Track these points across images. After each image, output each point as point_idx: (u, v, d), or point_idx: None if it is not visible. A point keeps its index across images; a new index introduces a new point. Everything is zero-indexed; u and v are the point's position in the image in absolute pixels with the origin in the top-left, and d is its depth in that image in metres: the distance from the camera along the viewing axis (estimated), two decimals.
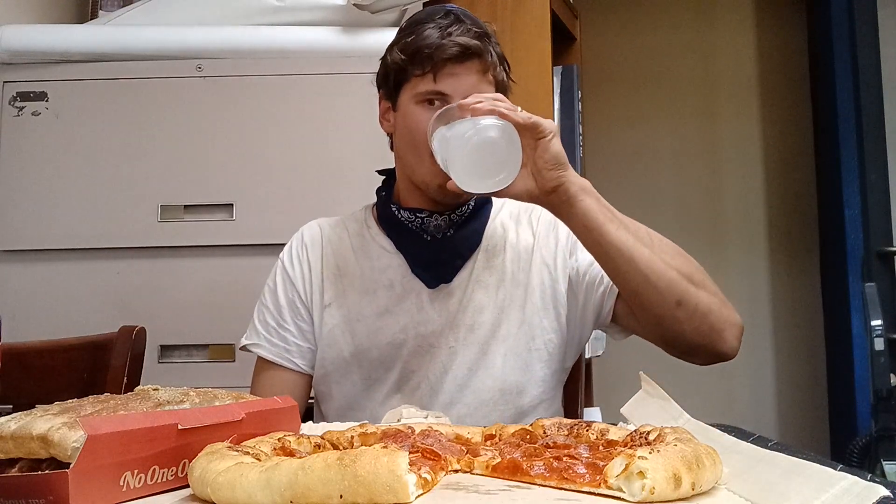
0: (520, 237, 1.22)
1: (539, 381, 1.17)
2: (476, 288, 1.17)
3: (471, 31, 1.10)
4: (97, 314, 1.61)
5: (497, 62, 1.13)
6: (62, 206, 1.67)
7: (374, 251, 1.21)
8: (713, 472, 0.56)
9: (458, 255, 1.18)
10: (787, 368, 3.02)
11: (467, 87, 1.09)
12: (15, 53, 1.70)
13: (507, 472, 0.61)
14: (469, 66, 1.10)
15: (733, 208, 3.12)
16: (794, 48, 3.13)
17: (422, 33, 1.10)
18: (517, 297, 1.17)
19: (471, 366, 1.15)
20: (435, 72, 1.09)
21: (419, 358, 1.16)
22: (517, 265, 1.19)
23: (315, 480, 0.50)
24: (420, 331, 1.16)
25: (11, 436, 0.56)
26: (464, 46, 1.08)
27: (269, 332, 1.22)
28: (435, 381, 1.15)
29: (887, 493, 0.49)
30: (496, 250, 1.20)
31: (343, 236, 1.24)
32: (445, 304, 1.16)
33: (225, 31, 1.73)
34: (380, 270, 1.19)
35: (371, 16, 1.67)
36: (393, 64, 1.14)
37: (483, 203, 1.21)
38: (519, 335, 1.16)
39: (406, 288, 1.17)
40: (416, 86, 1.11)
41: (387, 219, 1.20)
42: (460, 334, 1.16)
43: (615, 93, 3.13)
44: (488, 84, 1.12)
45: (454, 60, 1.09)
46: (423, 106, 1.11)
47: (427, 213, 1.16)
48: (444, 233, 1.16)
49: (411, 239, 1.18)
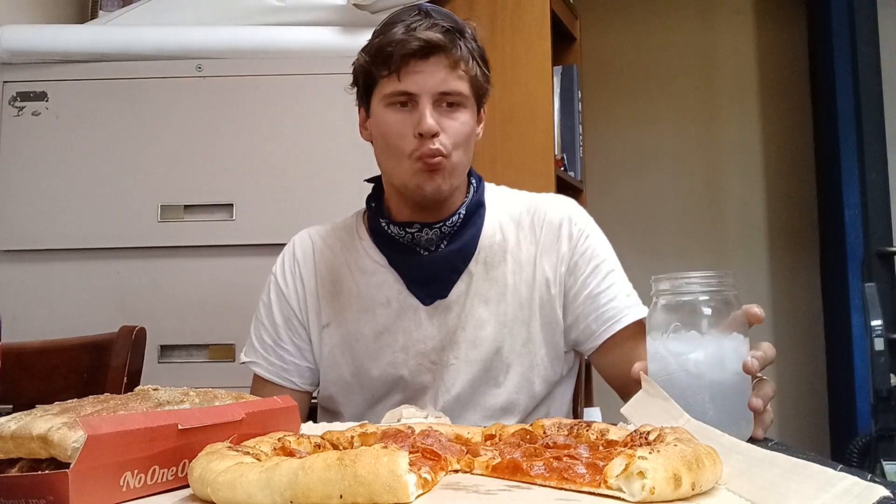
0: (521, 245, 1.16)
1: (538, 397, 1.15)
2: (475, 302, 1.13)
3: (437, 25, 1.05)
4: (97, 314, 1.61)
5: (468, 57, 1.07)
6: (62, 206, 1.67)
7: (369, 266, 1.17)
8: (713, 472, 0.55)
9: (453, 268, 1.14)
10: (787, 368, 3.02)
11: (435, 83, 1.04)
12: (15, 53, 1.70)
13: (507, 472, 0.61)
14: (435, 62, 1.04)
15: (733, 208, 3.12)
16: (794, 48, 3.13)
17: (387, 33, 1.06)
18: (521, 314, 1.14)
19: (473, 383, 1.13)
20: (399, 70, 1.04)
21: (421, 376, 1.14)
22: (519, 277, 1.15)
23: (315, 480, 0.50)
24: (420, 349, 1.13)
25: (11, 436, 0.56)
26: (425, 41, 1.03)
27: (266, 350, 1.20)
28: (439, 400, 1.13)
29: (887, 494, 0.49)
30: (495, 260, 1.15)
31: (336, 249, 1.21)
32: (444, 320, 1.13)
33: (225, 31, 1.73)
34: (376, 287, 1.15)
35: (371, 16, 1.67)
36: (360, 68, 1.11)
37: (475, 208, 1.16)
38: (522, 353, 1.14)
39: (403, 305, 1.14)
40: (383, 88, 1.07)
41: (378, 234, 1.17)
42: (461, 351, 1.13)
43: (615, 93, 3.13)
44: (458, 80, 1.06)
45: (417, 56, 1.04)
46: (394, 108, 1.07)
47: (418, 226, 1.11)
48: (437, 245, 1.13)
49: (404, 255, 1.14)
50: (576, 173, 2.32)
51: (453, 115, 1.07)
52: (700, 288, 0.80)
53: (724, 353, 0.79)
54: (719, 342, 0.79)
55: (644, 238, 3.04)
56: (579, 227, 1.17)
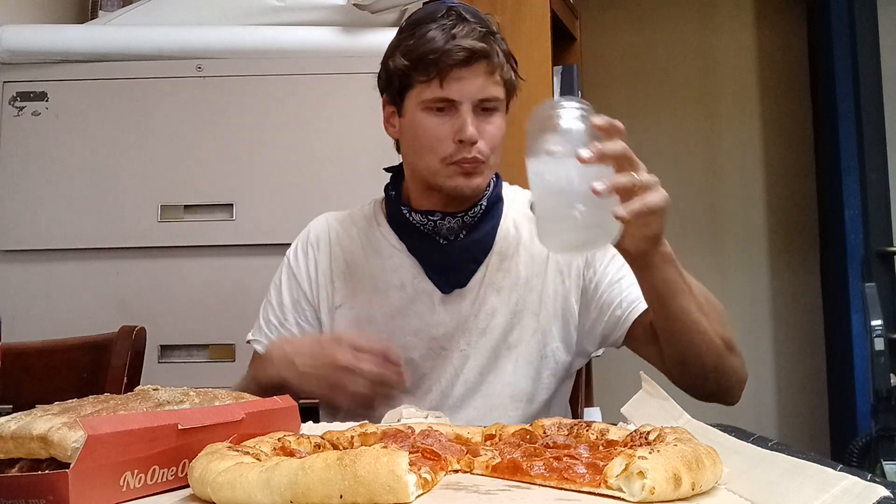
0: (534, 239, 1.15)
1: (546, 388, 1.16)
2: (489, 291, 1.15)
3: (475, 30, 1.06)
4: (97, 314, 1.61)
5: (503, 61, 1.09)
6: (62, 206, 1.67)
7: (385, 249, 1.18)
8: (713, 472, 0.55)
9: (473, 258, 1.16)
10: (787, 368, 3.02)
11: (475, 90, 1.06)
12: (15, 53, 1.70)
13: (507, 472, 0.61)
14: (475, 69, 1.06)
15: (733, 208, 3.12)
16: (794, 48, 3.13)
17: (424, 36, 1.07)
18: (531, 303, 1.15)
19: (482, 370, 1.14)
20: (441, 78, 1.06)
21: (430, 361, 1.15)
22: (531, 270, 1.17)
23: (315, 480, 0.50)
24: (432, 334, 1.14)
25: (11, 436, 0.56)
26: (469, 50, 1.05)
27: (270, 329, 1.21)
28: (446, 384, 1.14)
29: (887, 494, 0.49)
30: (509, 252, 1.17)
31: (352, 233, 1.22)
32: (458, 307, 1.15)
33: (225, 31, 1.73)
34: (391, 270, 1.17)
35: (371, 16, 1.67)
36: (396, 70, 1.10)
37: (495, 201, 1.18)
38: (531, 342, 1.15)
39: (417, 290, 1.15)
40: (421, 92, 1.08)
41: (398, 221, 1.18)
42: (472, 338, 1.14)
43: (615, 93, 3.13)
44: (496, 85, 1.09)
45: (460, 65, 1.05)
46: (432, 113, 1.08)
47: (440, 215, 1.13)
48: (456, 235, 1.14)
49: (424, 242, 1.15)
50: None
51: (489, 120, 1.09)
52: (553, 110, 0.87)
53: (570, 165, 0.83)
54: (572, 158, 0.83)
55: None
56: None
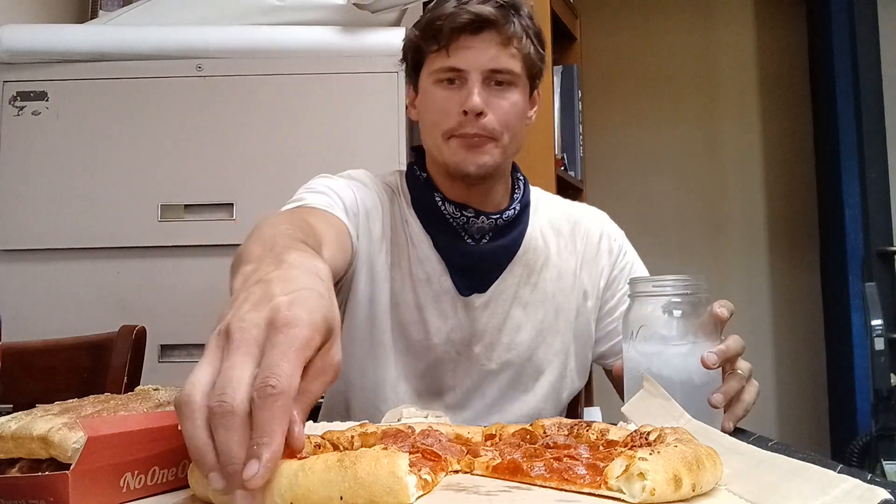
0: (562, 255, 1.15)
1: (562, 407, 1.16)
2: (515, 304, 1.11)
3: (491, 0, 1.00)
4: (97, 314, 1.61)
5: (522, 34, 1.02)
6: (62, 206, 1.67)
7: (416, 236, 1.11)
8: (713, 473, 0.55)
9: (497, 264, 1.11)
10: (787, 368, 3.02)
11: (485, 60, 1.00)
12: (15, 53, 1.69)
13: (508, 472, 0.60)
14: (486, 38, 1.00)
15: (733, 208, 3.12)
16: (794, 48, 3.13)
17: (438, 7, 1.02)
18: (556, 324, 1.12)
19: (504, 390, 1.11)
20: (448, 45, 1.00)
21: (444, 364, 1.10)
22: (558, 287, 1.13)
23: (315, 482, 0.50)
24: (450, 336, 1.09)
25: (12, 436, 0.56)
26: (476, 15, 0.99)
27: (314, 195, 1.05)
28: (461, 396, 1.10)
29: (888, 497, 0.49)
30: (536, 265, 1.13)
31: (391, 209, 1.12)
32: (478, 315, 1.10)
33: (225, 31, 1.73)
34: (419, 261, 1.10)
35: (371, 16, 1.67)
36: (409, 43, 1.07)
37: (524, 206, 1.14)
38: (555, 362, 1.12)
39: (441, 287, 1.10)
40: (431, 63, 1.04)
41: (426, 207, 1.11)
42: (495, 352, 1.10)
43: (615, 93, 3.13)
44: (510, 58, 1.02)
45: (468, 31, 0.99)
46: (441, 85, 1.03)
47: (473, 212, 1.08)
48: (484, 236, 1.10)
49: (452, 240, 1.10)
50: (576, 173, 2.32)
51: (503, 95, 1.03)
52: (672, 291, 0.81)
53: (688, 356, 0.80)
54: (687, 345, 0.80)
55: (644, 238, 3.01)
56: (618, 242, 1.19)
